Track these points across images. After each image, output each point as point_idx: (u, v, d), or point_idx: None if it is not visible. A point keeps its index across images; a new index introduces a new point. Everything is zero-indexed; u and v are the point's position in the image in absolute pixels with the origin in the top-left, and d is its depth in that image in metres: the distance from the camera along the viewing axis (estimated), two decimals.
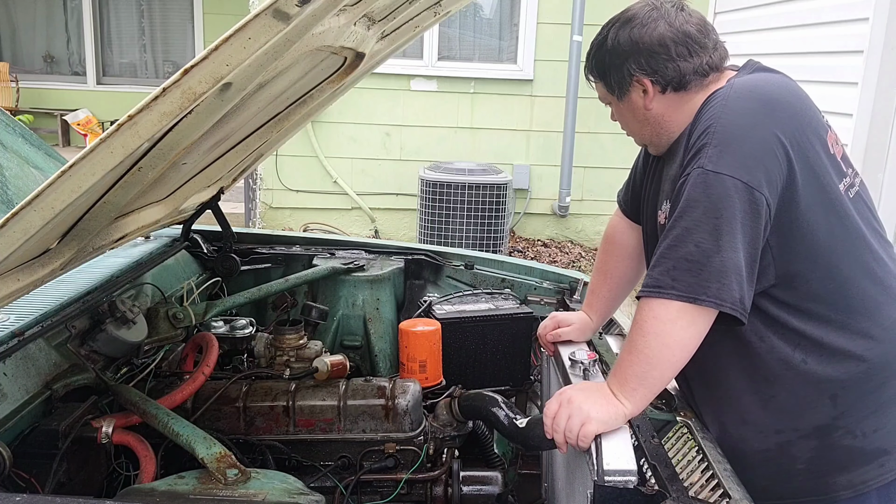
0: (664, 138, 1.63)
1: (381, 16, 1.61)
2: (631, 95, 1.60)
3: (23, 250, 1.30)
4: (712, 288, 1.35)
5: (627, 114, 1.66)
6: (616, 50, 1.58)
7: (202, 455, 1.46)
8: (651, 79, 1.56)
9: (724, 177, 1.36)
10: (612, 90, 1.63)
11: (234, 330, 2.20)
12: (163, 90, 1.09)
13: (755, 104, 1.44)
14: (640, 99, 1.59)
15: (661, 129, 1.62)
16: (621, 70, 1.58)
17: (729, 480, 1.52)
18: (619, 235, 1.99)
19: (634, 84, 1.58)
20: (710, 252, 1.36)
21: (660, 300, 1.39)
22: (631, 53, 1.56)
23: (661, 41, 1.54)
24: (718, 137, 1.40)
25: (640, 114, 1.62)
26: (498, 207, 6.17)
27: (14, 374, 1.56)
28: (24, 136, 2.45)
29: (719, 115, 1.43)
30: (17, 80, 9.14)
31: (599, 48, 1.62)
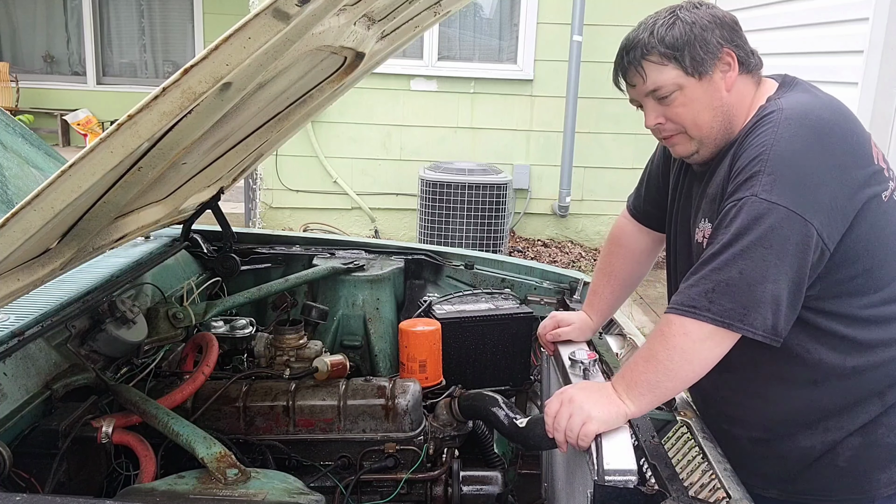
0: (724, 137, 1.55)
1: (381, 16, 1.61)
2: (714, 74, 1.50)
3: (23, 250, 1.30)
4: (749, 316, 1.36)
5: (703, 100, 1.52)
6: (698, 21, 1.49)
7: (202, 455, 1.46)
8: (736, 53, 1.50)
9: (779, 207, 1.35)
10: (691, 68, 1.49)
11: (234, 330, 2.20)
12: (163, 90, 1.09)
13: (809, 132, 1.42)
14: (721, 80, 1.51)
15: (729, 124, 1.54)
16: (708, 41, 1.49)
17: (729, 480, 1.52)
18: (626, 238, 1.98)
19: (721, 58, 1.50)
20: (753, 281, 1.36)
21: (693, 320, 1.39)
22: (715, 24, 1.50)
23: (732, 20, 1.52)
24: (772, 166, 1.38)
25: (717, 98, 1.52)
26: (498, 207, 6.17)
27: (14, 374, 1.56)
28: (24, 135, 2.45)
29: (772, 142, 1.40)
30: (18, 80, 9.15)
31: (671, 24, 1.49)
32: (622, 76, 1.58)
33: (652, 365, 1.43)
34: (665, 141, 1.61)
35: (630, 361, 1.50)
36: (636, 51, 1.52)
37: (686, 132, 1.55)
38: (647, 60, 1.51)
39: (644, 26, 1.53)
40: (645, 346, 1.48)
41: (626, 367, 1.49)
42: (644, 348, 1.48)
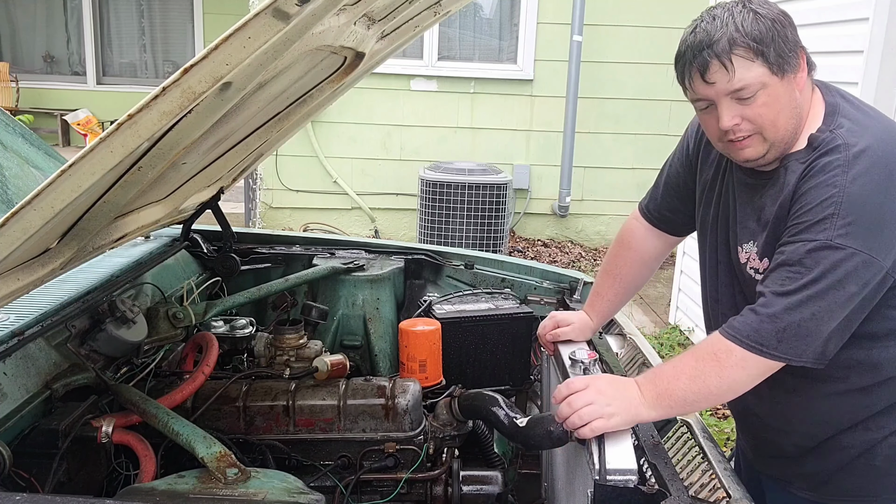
0: (792, 141, 1.50)
1: (381, 15, 1.61)
2: (793, 73, 1.44)
3: (23, 250, 1.30)
4: (809, 352, 1.39)
5: (784, 99, 1.45)
6: (777, 18, 1.42)
7: (202, 454, 1.46)
8: (805, 53, 1.46)
9: (857, 253, 1.36)
10: (776, 65, 1.42)
11: (234, 330, 2.20)
12: (162, 89, 1.09)
13: (879, 172, 1.39)
14: (795, 80, 1.45)
15: (798, 127, 1.49)
16: (789, 38, 1.42)
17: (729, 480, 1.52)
18: (635, 241, 1.95)
19: (800, 55, 1.44)
20: (823, 321, 1.38)
21: (757, 356, 1.39)
22: (789, 23, 1.43)
23: (790, 23, 1.45)
24: (846, 209, 1.37)
25: (794, 98, 1.46)
26: (498, 207, 6.17)
27: (14, 374, 1.56)
28: (24, 135, 2.45)
29: (844, 184, 1.38)
30: (18, 80, 9.14)
31: (753, 19, 1.40)
32: (700, 73, 1.44)
33: (696, 385, 1.42)
34: (734, 144, 1.50)
35: (668, 370, 1.48)
36: (720, 44, 1.40)
37: (762, 133, 1.47)
38: (735, 55, 1.40)
39: (720, 20, 1.42)
40: (691, 363, 1.45)
41: (662, 376, 1.47)
42: (689, 364, 1.45)
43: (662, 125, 7.09)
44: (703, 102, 1.50)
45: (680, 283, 5.40)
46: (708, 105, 1.49)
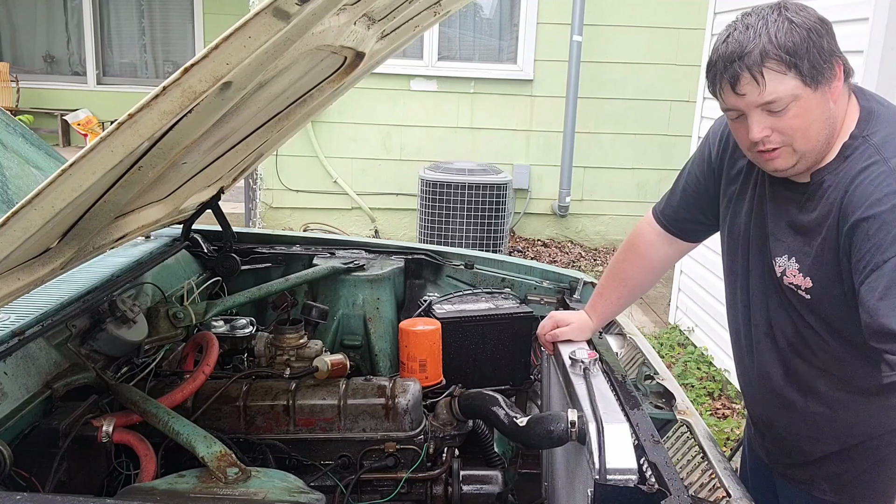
0: (823, 152, 1.46)
1: (381, 15, 1.61)
2: (826, 84, 1.40)
3: (23, 249, 1.30)
4: None
5: (816, 111, 1.41)
6: (812, 27, 1.37)
7: (202, 454, 1.46)
8: (842, 60, 1.41)
9: None
10: (809, 77, 1.38)
11: (235, 329, 2.20)
12: (163, 89, 1.09)
13: None
14: (828, 90, 1.41)
15: (830, 138, 1.45)
16: (824, 48, 1.37)
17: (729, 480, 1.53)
18: (645, 246, 1.92)
19: (835, 65, 1.40)
20: None
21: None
22: (825, 31, 1.38)
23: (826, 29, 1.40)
24: None
25: (826, 109, 1.41)
26: (498, 207, 6.17)
27: (14, 374, 1.56)
28: (24, 135, 2.45)
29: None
30: (18, 80, 9.14)
31: (787, 29, 1.36)
32: (730, 84, 1.42)
33: None
34: (763, 155, 1.47)
35: None
36: (751, 56, 1.37)
37: (792, 145, 1.44)
38: (766, 68, 1.37)
39: (753, 30, 1.38)
40: None
41: None
42: None
43: (662, 125, 7.10)
44: (733, 112, 1.47)
45: (680, 282, 5.40)
46: (739, 115, 1.46)
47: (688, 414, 1.80)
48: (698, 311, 5.06)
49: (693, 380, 4.55)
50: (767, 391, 1.69)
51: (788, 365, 1.62)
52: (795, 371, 1.61)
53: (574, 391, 1.60)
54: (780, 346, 1.63)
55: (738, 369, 1.81)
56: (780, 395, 1.65)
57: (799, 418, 1.64)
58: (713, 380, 4.55)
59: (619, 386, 1.71)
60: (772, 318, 1.64)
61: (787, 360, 1.62)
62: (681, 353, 4.97)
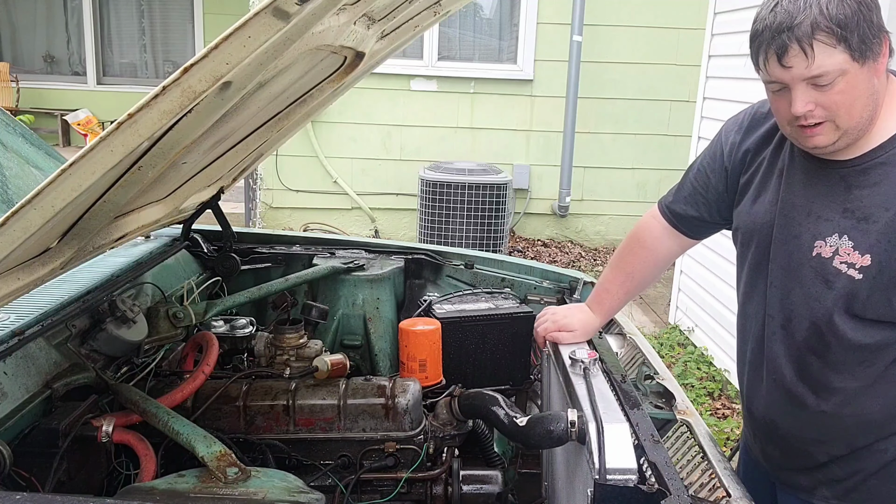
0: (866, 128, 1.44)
1: (381, 15, 1.61)
2: (874, 59, 1.36)
3: (23, 249, 1.30)
4: None
5: (862, 86, 1.38)
6: (865, 2, 1.34)
7: (202, 454, 1.46)
8: (888, 38, 1.37)
9: None
10: (859, 51, 1.34)
11: (234, 329, 2.20)
12: (163, 88, 1.09)
13: None
14: (875, 65, 1.38)
15: (874, 115, 1.42)
16: (875, 23, 1.34)
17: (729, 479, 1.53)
18: (651, 240, 1.90)
19: (884, 41, 1.36)
20: None
21: None
22: (876, 4, 1.35)
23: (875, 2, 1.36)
24: None
25: (872, 86, 1.39)
26: (498, 207, 6.17)
27: (14, 373, 1.56)
28: (24, 135, 2.45)
29: None
30: (18, 80, 9.14)
31: (841, 2, 1.32)
32: (777, 56, 1.37)
33: None
34: (804, 130, 1.44)
35: None
36: (801, 28, 1.33)
37: (835, 121, 1.41)
38: (817, 40, 1.33)
39: (803, 1, 1.34)
40: None
41: None
42: None
43: (662, 125, 7.10)
44: (776, 85, 1.43)
45: (680, 282, 5.41)
46: (781, 88, 1.42)
47: (688, 414, 1.80)
48: (698, 311, 5.06)
49: (693, 380, 4.55)
50: (777, 388, 1.66)
51: (802, 360, 1.59)
52: (809, 367, 1.59)
53: (574, 391, 1.60)
54: (797, 340, 1.59)
55: (744, 368, 1.78)
56: (791, 392, 1.62)
57: (807, 419, 1.61)
58: (713, 380, 4.56)
59: (619, 386, 1.71)
60: (791, 309, 1.60)
61: (802, 355, 1.59)
62: (681, 353, 4.97)
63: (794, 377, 1.61)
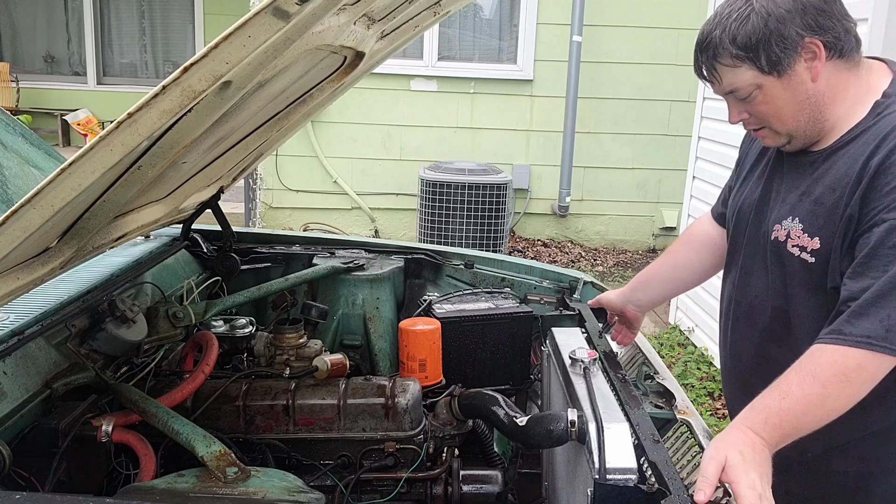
0: (817, 127, 1.46)
1: (381, 15, 1.61)
2: (795, 67, 1.40)
3: (22, 249, 1.30)
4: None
5: (785, 96, 1.42)
6: (775, 14, 1.37)
7: (202, 453, 1.46)
8: (822, 39, 1.38)
9: None
10: (768, 67, 1.40)
11: (234, 329, 2.20)
12: (162, 88, 1.09)
13: None
14: (806, 71, 1.41)
15: (820, 115, 1.45)
16: (785, 35, 1.37)
17: None
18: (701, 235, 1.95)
19: (803, 50, 1.39)
20: None
21: (867, 351, 1.29)
22: (796, 13, 1.37)
23: (799, 9, 1.38)
24: None
25: (801, 92, 1.42)
26: (498, 207, 6.17)
27: (14, 373, 1.56)
28: (24, 135, 2.45)
29: None
30: (18, 80, 9.14)
31: (744, 19, 1.38)
32: (697, 75, 1.51)
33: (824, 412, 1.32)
34: (753, 133, 1.54)
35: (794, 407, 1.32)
36: (707, 51, 1.44)
37: (770, 127, 1.48)
38: (718, 63, 1.43)
39: (718, 19, 1.43)
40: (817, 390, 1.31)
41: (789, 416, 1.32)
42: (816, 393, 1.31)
43: (662, 125, 7.10)
44: (718, 95, 1.54)
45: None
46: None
47: (688, 414, 1.80)
48: (698, 311, 5.06)
49: (693, 380, 4.55)
50: (735, 376, 1.66)
51: (761, 348, 1.58)
52: (766, 355, 1.57)
53: (574, 391, 1.60)
54: (758, 327, 1.60)
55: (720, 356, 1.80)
56: (747, 381, 1.60)
57: None
58: (713, 380, 4.56)
59: (619, 385, 1.71)
60: (754, 294, 1.61)
61: (761, 343, 1.58)
62: (681, 353, 4.97)
63: (751, 365, 1.61)
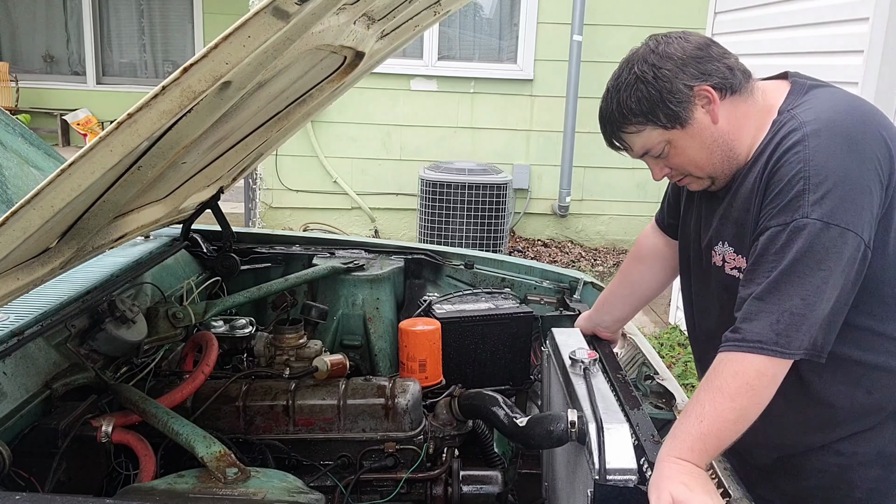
0: (733, 163, 1.51)
1: (381, 15, 1.61)
2: (695, 116, 1.47)
3: (22, 249, 1.30)
4: (806, 341, 1.32)
5: (694, 144, 1.49)
6: (659, 74, 1.45)
7: (202, 454, 1.46)
8: (710, 83, 1.45)
9: (831, 226, 1.31)
10: (669, 123, 1.47)
11: (234, 329, 2.20)
12: (162, 88, 1.09)
13: (841, 142, 1.36)
14: (705, 116, 1.47)
15: (731, 151, 1.50)
16: (675, 91, 1.45)
17: (729, 479, 1.52)
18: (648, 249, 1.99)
19: (696, 98, 1.46)
20: (814, 305, 1.31)
21: (762, 356, 1.32)
22: (678, 68, 1.45)
23: (696, 46, 1.47)
24: (814, 184, 1.33)
25: (707, 136, 1.49)
26: (498, 207, 6.17)
27: (14, 373, 1.56)
28: (23, 135, 2.45)
29: (807, 159, 1.35)
30: (17, 80, 9.14)
31: (633, 87, 1.47)
32: (610, 146, 1.60)
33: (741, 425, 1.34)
34: (679, 182, 1.61)
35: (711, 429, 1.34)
36: (613, 125, 1.54)
37: (692, 174, 1.55)
38: (624, 133, 1.53)
39: (611, 94, 1.52)
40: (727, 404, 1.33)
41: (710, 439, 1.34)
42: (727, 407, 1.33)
43: None
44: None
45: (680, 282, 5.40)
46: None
47: None
48: None
49: (693, 380, 4.55)
50: None
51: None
52: None
53: (574, 391, 1.60)
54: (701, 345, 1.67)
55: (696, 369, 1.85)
56: None
57: None
58: None
59: (619, 386, 1.71)
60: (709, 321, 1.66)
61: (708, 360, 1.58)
62: (681, 353, 4.97)
63: None
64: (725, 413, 1.33)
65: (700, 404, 1.35)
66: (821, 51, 4.07)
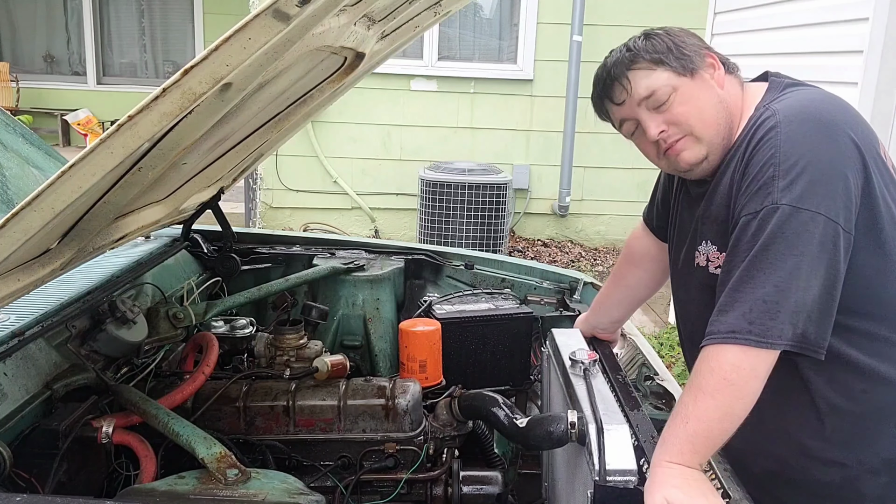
0: (726, 141, 1.49)
1: (381, 16, 1.61)
2: (704, 73, 1.48)
3: (23, 250, 1.30)
4: (787, 330, 1.28)
5: (702, 96, 1.47)
6: (671, 33, 1.50)
7: (202, 455, 1.46)
8: (717, 55, 1.51)
9: (802, 211, 1.28)
10: (681, 68, 1.47)
11: (235, 330, 2.20)
12: (163, 90, 1.09)
13: (813, 126, 1.35)
14: (711, 78, 1.49)
15: (730, 122, 1.49)
16: (687, 45, 1.49)
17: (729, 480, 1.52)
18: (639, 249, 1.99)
19: (705, 59, 1.49)
20: (786, 291, 1.28)
21: (736, 346, 1.29)
22: (686, 35, 1.51)
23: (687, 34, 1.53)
24: (785, 169, 1.31)
25: (714, 94, 1.48)
26: (498, 207, 6.17)
27: (14, 374, 1.56)
28: (24, 135, 2.45)
29: (779, 144, 1.33)
30: (18, 80, 9.14)
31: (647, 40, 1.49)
32: (609, 99, 1.54)
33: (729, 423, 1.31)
34: (671, 153, 1.51)
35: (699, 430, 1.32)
36: (617, 67, 1.50)
37: (692, 133, 1.48)
38: (633, 70, 1.48)
39: (615, 52, 1.53)
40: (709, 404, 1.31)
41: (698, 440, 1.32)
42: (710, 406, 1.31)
43: None
44: (629, 125, 1.55)
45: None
46: (635, 127, 1.54)
47: None
48: None
49: None
50: None
51: None
52: None
53: (574, 392, 1.60)
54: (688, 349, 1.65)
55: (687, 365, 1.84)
56: None
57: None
58: None
59: (619, 387, 1.71)
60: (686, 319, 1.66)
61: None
62: (680, 354, 4.96)
63: None
64: (709, 412, 1.30)
65: (685, 405, 1.34)
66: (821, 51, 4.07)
